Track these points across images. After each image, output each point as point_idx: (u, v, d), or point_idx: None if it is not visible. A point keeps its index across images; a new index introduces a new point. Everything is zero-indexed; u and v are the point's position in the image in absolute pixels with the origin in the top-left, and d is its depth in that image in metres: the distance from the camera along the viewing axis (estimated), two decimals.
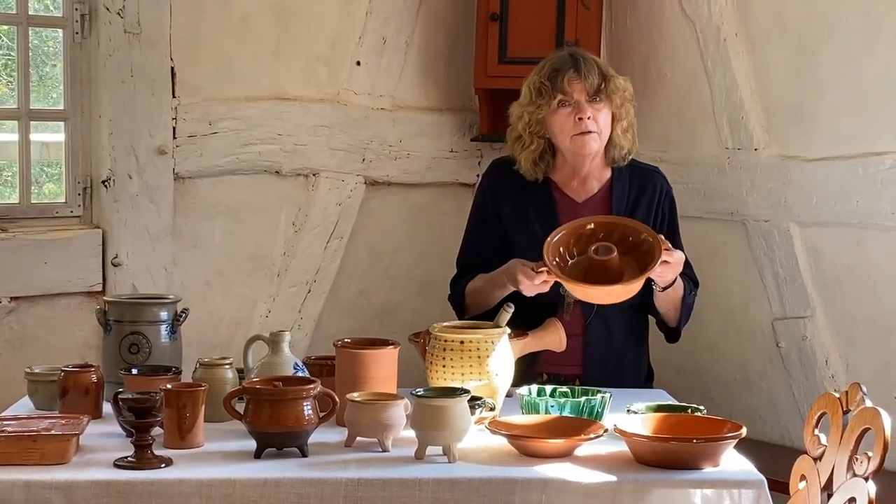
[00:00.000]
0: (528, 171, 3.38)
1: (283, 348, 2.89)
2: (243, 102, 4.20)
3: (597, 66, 3.32)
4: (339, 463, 2.52)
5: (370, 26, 4.41)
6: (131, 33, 3.95)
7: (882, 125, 3.65)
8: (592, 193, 3.41)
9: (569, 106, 3.30)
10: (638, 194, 3.40)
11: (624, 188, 3.39)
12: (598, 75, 3.29)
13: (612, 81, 3.30)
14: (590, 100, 3.29)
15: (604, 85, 3.29)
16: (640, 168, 3.46)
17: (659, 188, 3.42)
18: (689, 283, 3.36)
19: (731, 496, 2.45)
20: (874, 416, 2.28)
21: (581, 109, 3.28)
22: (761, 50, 4.03)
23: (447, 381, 2.78)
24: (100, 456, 2.53)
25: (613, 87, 3.30)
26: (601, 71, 3.31)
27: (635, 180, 3.41)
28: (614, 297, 3.09)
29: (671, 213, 3.45)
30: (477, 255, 3.43)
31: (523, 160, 3.39)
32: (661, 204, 3.42)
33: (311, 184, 4.36)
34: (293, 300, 4.36)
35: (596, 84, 3.29)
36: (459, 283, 3.44)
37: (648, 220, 3.35)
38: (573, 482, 2.44)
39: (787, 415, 3.98)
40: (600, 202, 3.39)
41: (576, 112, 3.29)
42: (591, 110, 3.29)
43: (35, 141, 3.99)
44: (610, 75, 3.32)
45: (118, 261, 3.98)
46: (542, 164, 3.39)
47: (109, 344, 3.03)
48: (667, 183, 3.48)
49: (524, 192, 3.40)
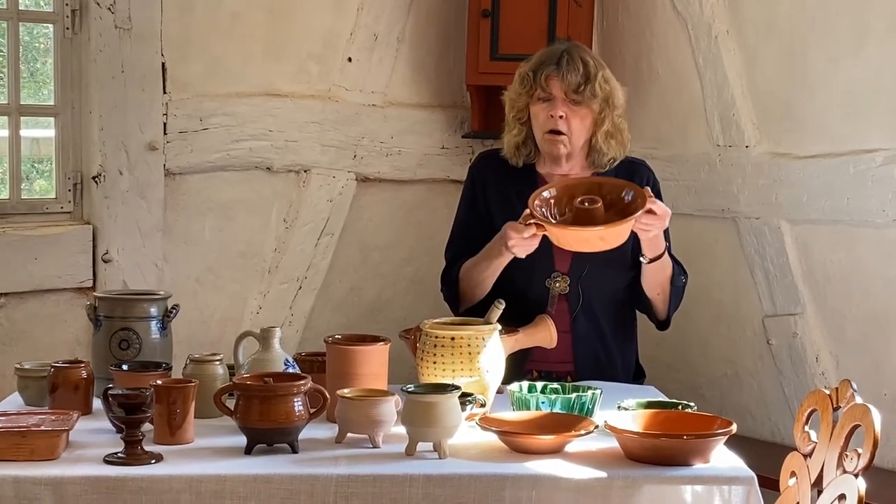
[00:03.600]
0: (510, 154, 3.41)
1: (274, 345, 2.89)
2: (234, 99, 4.20)
3: (584, 66, 3.28)
4: (329, 459, 2.51)
5: (361, 22, 4.40)
6: (122, 29, 3.94)
7: (872, 123, 3.66)
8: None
9: (547, 101, 3.30)
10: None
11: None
12: (580, 75, 3.26)
13: (593, 85, 3.27)
14: (568, 99, 3.28)
15: (583, 87, 3.27)
16: (626, 162, 3.44)
17: (644, 179, 3.40)
18: (678, 267, 3.36)
19: (721, 493, 2.45)
20: (864, 413, 2.28)
21: (555, 107, 3.29)
22: (752, 47, 4.03)
23: (438, 378, 2.78)
24: (90, 452, 2.52)
25: (593, 90, 3.27)
26: (586, 72, 3.27)
27: (621, 173, 3.39)
28: (605, 240, 3.04)
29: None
30: (466, 246, 3.42)
31: (506, 143, 3.43)
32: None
33: (302, 180, 4.36)
34: (284, 297, 4.36)
35: (574, 84, 3.26)
36: (451, 272, 3.43)
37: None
38: (564, 478, 2.44)
39: (777, 411, 3.99)
40: None
41: (550, 108, 3.29)
42: (566, 110, 3.28)
43: (25, 137, 3.98)
44: (594, 78, 3.27)
45: (108, 257, 3.98)
46: (525, 150, 3.40)
47: (99, 340, 3.03)
48: (653, 174, 3.46)
49: (510, 182, 3.41)
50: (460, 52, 4.51)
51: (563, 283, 3.33)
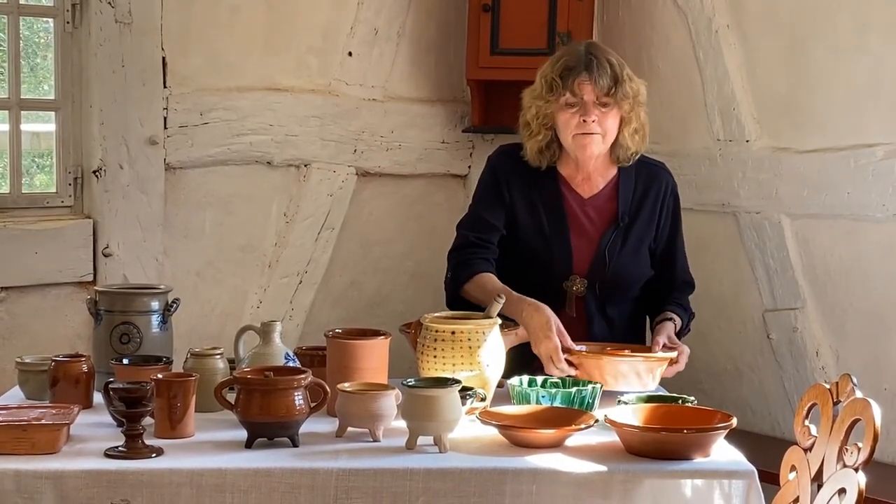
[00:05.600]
0: (533, 158, 3.36)
1: (275, 338, 2.89)
2: (234, 93, 4.19)
3: (611, 68, 3.25)
4: (330, 453, 2.51)
5: (362, 17, 4.40)
6: (122, 23, 3.94)
7: (873, 117, 3.66)
8: (598, 190, 3.37)
9: (576, 106, 3.26)
10: (644, 191, 3.37)
11: (630, 186, 3.37)
12: (610, 78, 3.24)
13: (623, 85, 3.25)
14: (598, 102, 3.26)
15: (614, 89, 3.24)
16: (647, 164, 3.42)
17: (664, 185, 3.40)
18: (686, 314, 3.39)
19: (721, 487, 2.45)
20: (864, 407, 2.28)
21: (587, 112, 3.24)
22: (753, 42, 4.03)
23: (438, 372, 2.78)
24: (90, 446, 2.52)
25: (624, 91, 3.25)
26: (614, 73, 3.25)
27: (641, 177, 3.38)
28: (640, 377, 3.04)
29: (675, 211, 3.43)
30: (481, 229, 3.36)
31: (529, 148, 3.36)
32: (667, 201, 3.40)
33: (303, 174, 4.36)
34: (284, 291, 4.36)
35: (606, 87, 3.23)
36: (461, 270, 3.32)
37: (654, 217, 3.36)
38: (564, 472, 2.44)
39: (777, 406, 3.99)
40: (606, 199, 3.36)
41: (581, 113, 3.25)
42: (597, 112, 3.25)
43: (26, 131, 3.98)
44: (623, 79, 3.25)
45: (109, 251, 3.98)
46: (548, 154, 3.35)
47: (100, 334, 3.03)
48: (672, 179, 3.45)
49: (533, 182, 3.37)
50: (461, 47, 4.51)
51: (580, 285, 3.32)
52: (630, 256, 3.33)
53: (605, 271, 3.31)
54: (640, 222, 3.36)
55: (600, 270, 3.32)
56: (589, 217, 3.35)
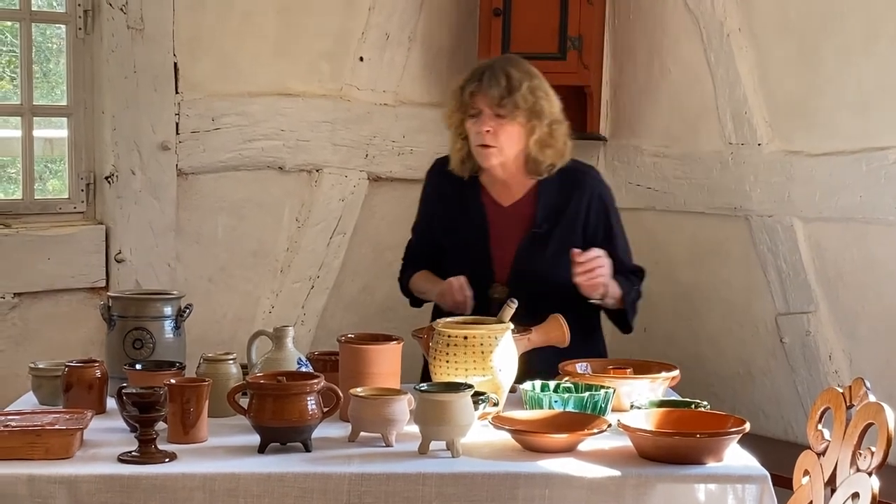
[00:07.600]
0: (456, 168, 3.45)
1: (287, 344, 2.89)
2: (246, 98, 4.20)
3: (507, 80, 3.28)
4: (342, 458, 2.52)
5: (373, 22, 4.41)
6: (134, 29, 3.95)
7: (885, 120, 3.65)
8: (518, 198, 3.41)
9: (477, 116, 3.32)
10: (566, 199, 3.38)
11: (550, 193, 3.38)
12: (502, 89, 3.27)
13: (514, 96, 3.27)
14: (494, 113, 3.30)
15: (506, 100, 3.28)
16: (573, 171, 3.42)
17: (588, 190, 3.40)
18: (627, 281, 3.35)
19: (734, 491, 2.45)
20: (878, 412, 2.28)
21: (481, 122, 3.31)
22: (764, 45, 4.02)
23: (451, 377, 2.78)
24: (104, 451, 2.53)
25: (515, 102, 3.27)
26: (509, 85, 3.28)
27: (565, 184, 3.39)
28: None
29: (605, 213, 3.41)
30: (418, 246, 3.59)
31: (452, 158, 3.46)
32: (593, 205, 3.39)
33: (314, 179, 4.37)
34: (296, 296, 4.37)
35: (497, 98, 3.28)
36: (403, 275, 3.60)
37: (578, 223, 3.36)
38: (577, 477, 2.44)
39: (790, 410, 3.98)
40: (526, 206, 3.40)
41: (479, 123, 3.31)
42: (492, 124, 3.29)
43: (38, 137, 3.99)
44: (517, 90, 3.27)
45: (121, 257, 3.98)
46: (469, 164, 3.43)
47: (113, 339, 3.04)
48: (600, 183, 3.46)
49: (458, 193, 3.46)
50: (472, 51, 4.51)
51: (502, 293, 3.31)
52: (550, 262, 3.31)
53: (525, 278, 3.31)
54: (561, 228, 3.36)
55: (520, 277, 3.32)
56: (508, 225, 3.39)
